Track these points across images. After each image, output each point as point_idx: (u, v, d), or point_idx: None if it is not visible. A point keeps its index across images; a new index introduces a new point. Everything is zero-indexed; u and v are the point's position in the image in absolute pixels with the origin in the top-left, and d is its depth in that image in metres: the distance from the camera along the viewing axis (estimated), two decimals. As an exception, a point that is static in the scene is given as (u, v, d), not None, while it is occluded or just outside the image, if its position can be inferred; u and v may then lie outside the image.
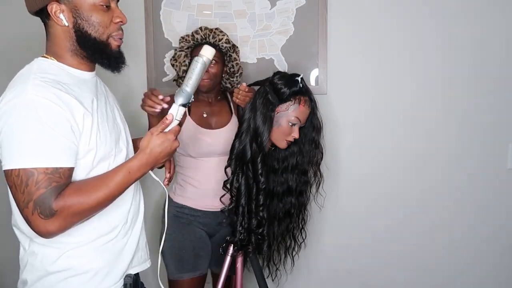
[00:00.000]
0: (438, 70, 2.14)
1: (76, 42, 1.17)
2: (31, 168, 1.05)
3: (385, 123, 2.18)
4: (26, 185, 1.05)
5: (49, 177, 1.06)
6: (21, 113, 1.06)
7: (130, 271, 1.30)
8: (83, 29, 1.15)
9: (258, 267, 1.73)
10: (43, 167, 1.05)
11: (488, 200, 2.19)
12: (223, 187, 1.67)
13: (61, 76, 1.16)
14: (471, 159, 2.17)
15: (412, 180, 2.20)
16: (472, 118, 2.15)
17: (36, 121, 1.05)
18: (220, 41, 1.89)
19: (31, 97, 1.06)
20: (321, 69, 2.15)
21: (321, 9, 2.12)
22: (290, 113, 1.61)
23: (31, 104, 1.06)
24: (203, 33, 1.89)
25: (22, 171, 1.05)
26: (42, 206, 1.05)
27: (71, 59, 1.19)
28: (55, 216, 1.06)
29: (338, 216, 2.24)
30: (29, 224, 1.07)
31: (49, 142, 1.07)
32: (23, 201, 1.06)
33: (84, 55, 1.19)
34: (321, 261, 2.28)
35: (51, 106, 1.07)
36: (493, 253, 2.21)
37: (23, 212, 1.07)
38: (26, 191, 1.05)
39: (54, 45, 1.19)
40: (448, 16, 2.11)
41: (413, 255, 2.24)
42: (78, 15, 1.15)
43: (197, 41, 1.89)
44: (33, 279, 1.18)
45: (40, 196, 1.05)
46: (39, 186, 1.05)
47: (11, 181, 1.06)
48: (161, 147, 1.18)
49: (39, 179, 1.05)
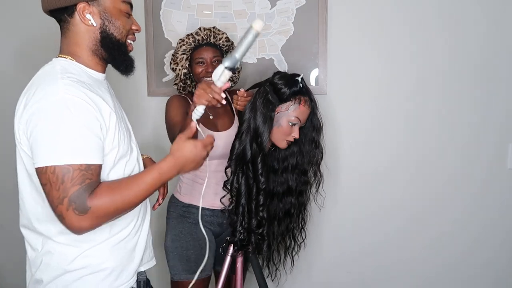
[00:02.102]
0: (439, 70, 2.14)
1: (100, 42, 1.22)
2: (67, 165, 1.07)
3: (385, 123, 2.18)
4: (62, 181, 1.07)
5: (83, 173, 1.08)
6: (55, 111, 1.08)
7: (140, 269, 1.33)
8: (109, 30, 1.22)
9: (258, 267, 1.73)
10: (78, 163, 1.08)
11: (488, 200, 2.19)
12: (223, 187, 1.67)
13: (81, 76, 1.19)
14: (472, 159, 2.17)
15: (412, 180, 2.20)
16: (472, 118, 2.15)
17: (70, 119, 1.08)
18: (221, 40, 1.89)
19: (63, 95, 1.09)
20: (321, 69, 2.15)
21: (321, 9, 2.12)
22: (290, 113, 1.61)
23: (65, 103, 1.09)
24: (204, 34, 1.88)
25: (58, 168, 1.07)
26: (77, 202, 1.07)
27: (89, 59, 1.23)
28: (89, 213, 1.08)
29: (338, 216, 2.24)
30: (63, 220, 1.09)
31: (83, 139, 1.10)
32: (58, 198, 1.07)
33: (103, 55, 1.24)
34: (321, 261, 2.28)
35: (83, 105, 1.11)
36: (493, 252, 2.21)
37: (57, 209, 1.08)
38: (61, 188, 1.07)
39: (73, 44, 1.22)
40: (453, 17, 2.11)
41: (414, 254, 2.24)
42: (106, 18, 1.21)
43: (198, 42, 1.88)
44: (48, 279, 1.20)
45: (75, 192, 1.07)
46: (74, 182, 1.07)
47: (46, 178, 1.08)
48: (190, 153, 1.22)
49: (74, 175, 1.07)
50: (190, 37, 1.88)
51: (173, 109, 1.83)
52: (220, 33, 1.90)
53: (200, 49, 1.87)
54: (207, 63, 1.86)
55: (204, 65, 1.86)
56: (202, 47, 1.87)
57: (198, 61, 1.86)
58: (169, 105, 1.86)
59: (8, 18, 2.27)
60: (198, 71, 1.86)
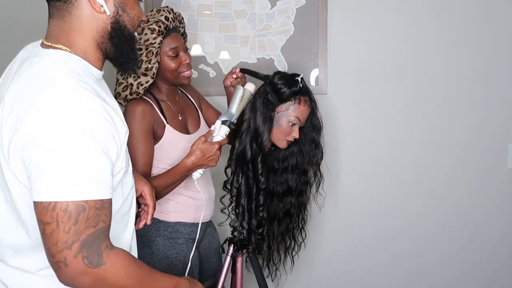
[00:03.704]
0: (439, 70, 2.14)
1: (109, 34, 1.00)
2: (83, 201, 0.86)
3: (385, 123, 2.18)
4: (76, 221, 0.85)
5: (97, 213, 0.88)
6: (69, 131, 0.85)
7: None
8: (123, 22, 1.00)
9: (258, 267, 1.73)
10: (93, 199, 0.87)
11: (488, 200, 2.19)
12: (223, 187, 1.67)
13: (89, 78, 0.97)
14: (471, 159, 2.17)
15: (412, 180, 2.20)
16: (472, 118, 2.15)
17: (88, 143, 0.87)
18: (181, 23, 1.66)
19: (78, 110, 0.87)
20: (321, 69, 2.15)
21: (321, 9, 2.12)
22: (290, 113, 1.61)
23: (81, 121, 0.86)
24: (172, 17, 1.57)
25: (72, 205, 0.85)
26: (91, 250, 0.87)
27: (92, 52, 1.00)
28: (99, 269, 0.88)
29: (338, 216, 2.24)
30: (63, 268, 0.87)
31: (100, 169, 0.89)
32: (66, 241, 0.85)
33: (107, 50, 1.02)
34: (321, 261, 2.28)
35: (102, 123, 0.89)
36: (493, 252, 2.21)
37: (59, 254, 0.86)
38: (73, 230, 0.85)
39: (74, 31, 0.97)
40: (453, 17, 2.11)
41: (414, 255, 2.24)
42: (121, 5, 0.99)
43: (166, 29, 1.56)
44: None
45: (89, 236, 0.87)
46: (88, 224, 0.86)
47: (52, 216, 0.85)
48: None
49: (90, 215, 0.86)
50: (162, 24, 1.53)
51: (140, 131, 1.52)
52: (180, 16, 1.63)
53: (171, 37, 1.57)
54: (183, 52, 1.60)
55: (178, 57, 1.58)
56: (170, 34, 1.58)
57: (172, 52, 1.57)
58: (135, 122, 1.52)
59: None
60: (174, 66, 1.58)
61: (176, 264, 1.62)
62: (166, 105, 1.64)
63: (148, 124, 1.55)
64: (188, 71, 1.63)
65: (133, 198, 1.12)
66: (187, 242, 1.66)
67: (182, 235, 1.65)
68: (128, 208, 1.09)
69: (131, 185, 1.08)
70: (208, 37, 2.14)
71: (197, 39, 2.14)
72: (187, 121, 1.71)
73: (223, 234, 1.91)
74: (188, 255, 1.62)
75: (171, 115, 1.64)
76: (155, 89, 1.65)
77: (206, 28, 2.14)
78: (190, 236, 1.67)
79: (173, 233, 1.64)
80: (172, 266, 1.61)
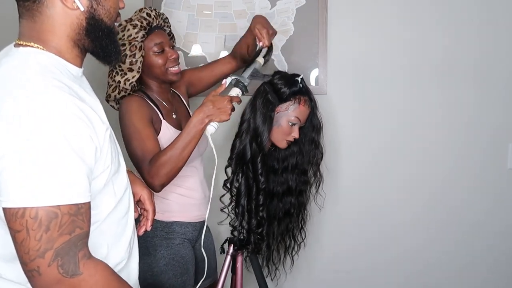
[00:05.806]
0: (439, 70, 2.14)
1: (85, 30, 0.94)
2: (54, 206, 0.81)
3: (385, 123, 2.18)
4: (47, 229, 0.80)
5: (72, 219, 0.83)
6: (39, 133, 0.81)
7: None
8: (99, 16, 0.94)
9: (258, 267, 1.73)
10: (67, 204, 0.82)
11: (488, 200, 2.19)
12: (223, 186, 1.67)
13: (63, 75, 0.92)
14: (471, 159, 2.17)
15: (412, 180, 2.20)
16: (472, 118, 2.15)
17: (59, 144, 0.82)
18: (166, 23, 1.69)
19: (49, 110, 0.82)
20: (321, 69, 2.15)
21: (321, 9, 2.12)
22: (290, 113, 1.61)
23: (53, 121, 0.82)
24: (154, 15, 1.60)
25: (42, 211, 0.80)
26: (66, 258, 0.82)
27: (68, 51, 0.95)
28: (75, 279, 0.83)
29: (338, 216, 2.24)
30: (37, 277, 0.82)
31: (75, 172, 0.84)
32: (38, 250, 0.80)
33: (86, 46, 0.97)
34: (321, 261, 2.28)
35: (76, 123, 0.84)
36: (493, 252, 2.21)
37: (32, 263, 0.81)
38: (44, 238, 0.80)
39: (46, 31, 0.92)
40: (452, 17, 2.10)
41: (414, 255, 2.24)
42: None
43: (149, 26, 1.58)
44: None
45: (64, 244, 0.82)
46: (62, 231, 0.82)
47: (21, 224, 0.80)
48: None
49: (63, 221, 0.82)
50: (143, 19, 1.55)
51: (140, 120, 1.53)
52: (163, 15, 1.66)
53: (155, 33, 1.60)
54: (169, 48, 1.62)
55: (164, 52, 1.60)
56: (154, 31, 1.60)
57: (157, 48, 1.58)
58: (132, 112, 1.54)
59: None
60: (160, 62, 1.59)
61: (173, 264, 1.62)
62: (160, 103, 1.65)
63: (147, 114, 1.56)
64: (175, 66, 1.63)
65: (130, 200, 1.08)
66: (183, 242, 1.66)
67: (178, 235, 1.65)
68: (126, 211, 1.05)
69: (125, 186, 1.04)
70: (208, 37, 2.14)
71: (197, 39, 2.14)
72: (181, 120, 1.71)
73: (223, 234, 1.91)
74: (185, 255, 1.64)
75: (166, 112, 1.65)
76: (148, 89, 1.66)
77: (206, 28, 2.14)
78: (186, 236, 1.67)
79: (170, 233, 1.64)
80: (169, 267, 1.61)
